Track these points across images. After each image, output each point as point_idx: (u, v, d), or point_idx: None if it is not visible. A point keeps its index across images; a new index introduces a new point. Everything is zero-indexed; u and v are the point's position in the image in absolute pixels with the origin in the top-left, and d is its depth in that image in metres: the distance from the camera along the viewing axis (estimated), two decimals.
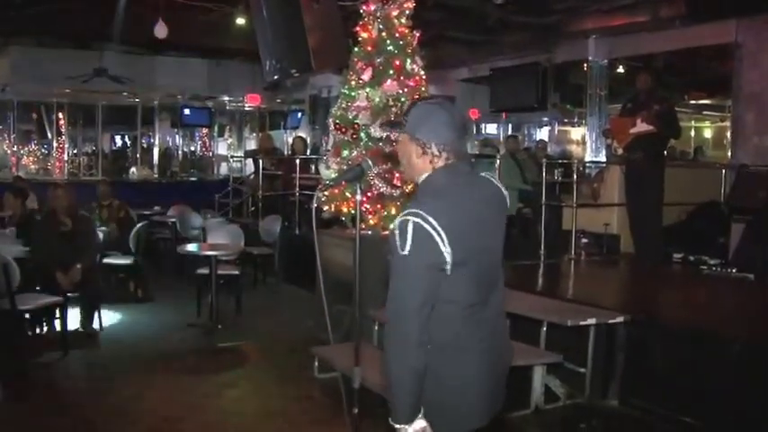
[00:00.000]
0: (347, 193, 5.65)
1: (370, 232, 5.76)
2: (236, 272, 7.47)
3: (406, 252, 2.06)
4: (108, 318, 6.85)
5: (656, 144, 7.13)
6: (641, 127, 7.02)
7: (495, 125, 16.37)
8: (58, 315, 6.14)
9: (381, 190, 5.64)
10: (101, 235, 7.66)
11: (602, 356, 4.90)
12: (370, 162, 2.56)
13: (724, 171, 8.48)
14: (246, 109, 17.83)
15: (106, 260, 7.72)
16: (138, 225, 8.31)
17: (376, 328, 5.28)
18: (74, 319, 6.40)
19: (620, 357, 4.89)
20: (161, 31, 9.71)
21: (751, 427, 4.11)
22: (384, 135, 5.72)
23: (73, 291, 6.29)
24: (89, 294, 6.46)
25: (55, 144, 16.12)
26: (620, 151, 7.44)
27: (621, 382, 4.86)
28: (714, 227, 7.82)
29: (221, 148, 18.29)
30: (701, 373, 4.40)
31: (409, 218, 2.08)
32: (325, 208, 5.79)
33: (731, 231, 7.51)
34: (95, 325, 6.54)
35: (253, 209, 10.96)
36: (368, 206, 5.70)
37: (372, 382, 4.17)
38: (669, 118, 7.09)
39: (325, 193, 5.57)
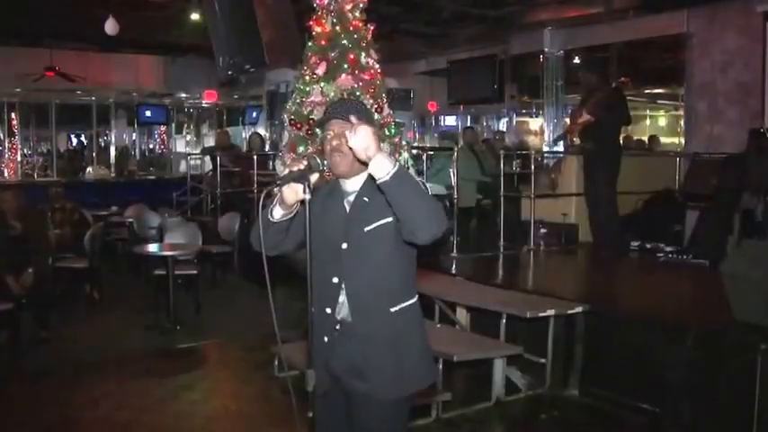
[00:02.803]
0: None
1: None
2: (195, 271, 7.37)
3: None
4: (62, 322, 6.69)
5: (605, 132, 7.20)
6: (584, 117, 7.13)
7: (453, 117, 16.42)
8: (8, 321, 5.96)
9: None
10: (53, 238, 7.47)
11: (561, 347, 4.95)
12: (318, 160, 2.50)
13: (678, 159, 8.61)
14: (204, 106, 17.60)
15: (60, 263, 7.54)
16: (94, 226, 8.14)
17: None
18: (26, 324, 6.23)
19: (579, 347, 4.94)
20: (112, 27, 9.50)
21: (708, 412, 4.18)
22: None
23: (25, 296, 6.12)
24: (41, 299, 6.29)
25: (7, 144, 15.70)
26: (577, 141, 7.52)
27: (581, 371, 4.91)
28: (669, 214, 7.92)
29: (179, 145, 18.01)
30: (659, 360, 4.46)
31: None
32: None
33: (686, 219, 7.63)
34: (48, 330, 6.38)
35: (212, 207, 10.83)
36: None
37: None
38: (611, 104, 7.15)
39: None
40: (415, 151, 7.91)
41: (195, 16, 10.98)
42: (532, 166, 7.82)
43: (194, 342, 6.28)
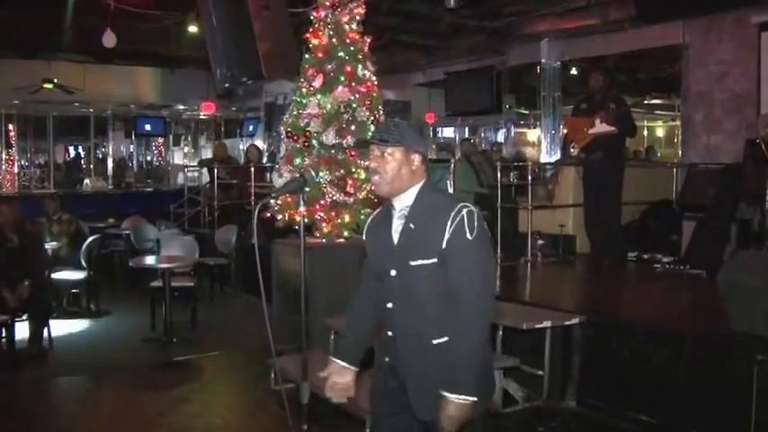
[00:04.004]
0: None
1: (324, 241, 5.71)
2: (191, 284, 7.36)
3: (478, 232, 2.36)
4: (59, 334, 6.68)
5: (615, 143, 7.21)
6: (600, 128, 7.06)
7: (451, 128, 16.45)
8: (4, 334, 5.95)
9: (335, 198, 5.59)
10: (50, 250, 7.47)
11: (558, 358, 4.93)
12: (313, 173, 2.53)
13: (675, 170, 8.62)
14: (202, 117, 17.64)
15: (57, 276, 7.52)
16: (91, 238, 8.13)
17: (332, 336, 5.22)
18: (22, 337, 6.21)
19: (576, 358, 4.93)
20: (109, 40, 9.52)
21: (705, 422, 4.16)
22: (336, 142, 5.67)
23: (21, 308, 6.10)
24: (38, 312, 6.29)
25: (4, 156, 15.71)
26: (574, 152, 7.51)
27: (579, 382, 4.90)
28: (667, 225, 7.94)
29: (177, 157, 18.04)
30: (657, 370, 4.45)
31: (472, 208, 2.38)
32: (279, 217, 5.72)
33: (683, 229, 7.63)
34: (45, 343, 6.36)
35: (209, 219, 10.83)
36: (322, 214, 5.65)
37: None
38: (625, 118, 7.18)
39: (278, 202, 5.51)
40: None
41: (193, 28, 11.01)
42: (529, 178, 7.83)
43: (191, 355, 6.25)
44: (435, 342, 2.44)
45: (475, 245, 2.36)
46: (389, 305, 2.52)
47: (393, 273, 2.47)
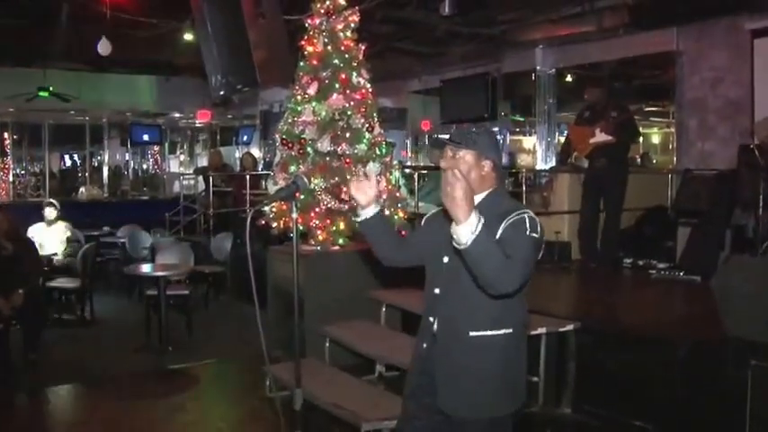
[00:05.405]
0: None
1: (318, 248, 5.71)
2: (186, 292, 7.34)
3: (537, 235, 2.39)
4: (53, 342, 6.66)
5: (618, 150, 7.24)
6: (600, 137, 7.12)
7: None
8: None
9: (329, 205, 5.59)
10: (44, 258, 7.45)
11: (554, 365, 4.92)
12: (305, 179, 2.53)
13: (670, 176, 8.64)
14: (198, 125, 17.63)
15: (52, 283, 7.51)
16: (86, 246, 8.12)
17: (327, 344, 5.22)
18: (16, 345, 6.18)
19: (571, 365, 4.92)
20: (104, 48, 9.51)
21: (700, 428, 4.16)
22: (331, 150, 5.68)
23: (15, 316, 6.08)
24: (32, 320, 6.25)
25: None
26: (573, 159, 7.51)
27: (574, 389, 4.89)
28: (662, 231, 7.94)
29: (173, 165, 18.01)
30: (652, 376, 4.45)
31: (535, 216, 2.44)
32: (274, 224, 5.72)
33: (678, 235, 7.64)
34: (38, 352, 6.33)
35: (204, 226, 10.82)
36: (317, 221, 5.65)
37: (322, 400, 4.12)
38: (628, 125, 7.21)
39: (273, 209, 5.51)
40: (407, 170, 7.92)
41: (188, 36, 11.01)
42: (524, 186, 7.83)
43: (186, 363, 6.22)
44: (472, 334, 2.51)
45: (529, 241, 2.36)
46: (437, 290, 2.60)
47: (446, 259, 2.55)
